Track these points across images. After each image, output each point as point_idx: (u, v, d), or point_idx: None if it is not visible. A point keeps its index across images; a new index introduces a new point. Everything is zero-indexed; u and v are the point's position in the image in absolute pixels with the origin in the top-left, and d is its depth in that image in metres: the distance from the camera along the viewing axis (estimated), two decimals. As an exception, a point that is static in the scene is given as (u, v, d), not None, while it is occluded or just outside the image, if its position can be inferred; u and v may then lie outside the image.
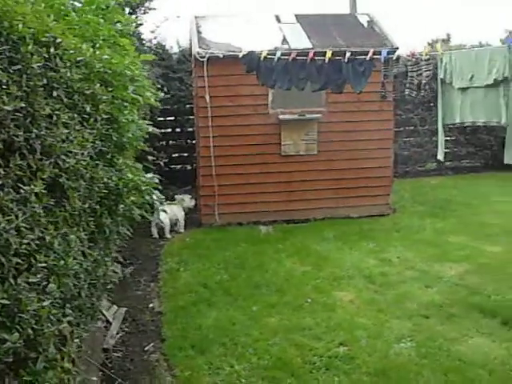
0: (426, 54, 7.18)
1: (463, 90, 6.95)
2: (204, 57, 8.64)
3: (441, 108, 7.35)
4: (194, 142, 11.26)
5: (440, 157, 7.61)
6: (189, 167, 12.28)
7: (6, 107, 2.12)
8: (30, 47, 2.33)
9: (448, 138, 11.17)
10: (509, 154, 6.69)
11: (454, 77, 6.96)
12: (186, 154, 12.42)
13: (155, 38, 11.52)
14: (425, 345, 4.98)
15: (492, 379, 4.43)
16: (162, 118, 11.35)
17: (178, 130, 12.23)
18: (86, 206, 3.07)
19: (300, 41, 9.09)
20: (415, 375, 4.49)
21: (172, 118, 12.01)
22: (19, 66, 2.29)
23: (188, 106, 11.65)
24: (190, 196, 9.71)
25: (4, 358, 2.12)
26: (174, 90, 11.46)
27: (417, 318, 5.55)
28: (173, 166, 12.21)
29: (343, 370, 4.61)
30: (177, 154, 12.37)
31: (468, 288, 6.27)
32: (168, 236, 8.91)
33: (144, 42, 10.66)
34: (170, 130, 12.11)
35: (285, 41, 9.16)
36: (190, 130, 11.76)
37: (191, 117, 11.50)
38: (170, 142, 12.29)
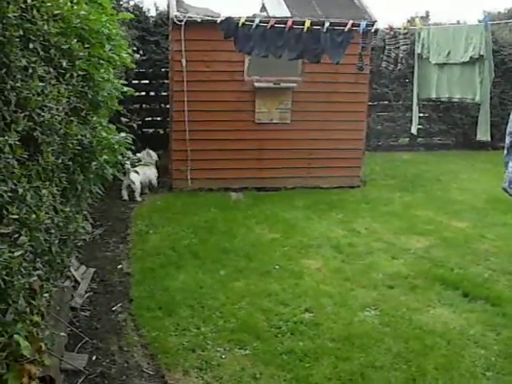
0: (405, 28, 7.21)
1: (440, 65, 7.02)
2: (182, 20, 8.53)
3: (416, 82, 7.42)
4: (167, 106, 11.17)
5: (414, 130, 7.71)
6: (161, 131, 12.19)
7: (-19, 56, 2.09)
8: (6, -5, 2.29)
9: (421, 115, 11.26)
10: (481, 130, 6.81)
11: (431, 52, 7.03)
12: (159, 118, 12.32)
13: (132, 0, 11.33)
14: (388, 314, 5.11)
15: (450, 347, 4.58)
16: (136, 81, 11.22)
17: (152, 93, 12.09)
18: (59, 161, 3.06)
19: (279, 9, 9.03)
20: (377, 342, 4.61)
21: (147, 82, 11.87)
22: (-5, 15, 2.25)
23: (163, 69, 11.50)
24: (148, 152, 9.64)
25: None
26: (150, 53, 11.31)
27: (382, 288, 5.68)
28: (145, 130, 12.11)
29: (308, 335, 4.70)
30: (150, 118, 12.24)
31: (432, 261, 6.42)
32: (138, 199, 8.89)
33: (121, 2, 10.46)
34: (143, 93, 11.98)
35: (263, 8, 9.12)
36: (165, 94, 11.63)
37: (166, 81, 11.38)
38: (144, 105, 12.16)
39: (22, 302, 2.50)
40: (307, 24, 7.45)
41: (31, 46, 2.62)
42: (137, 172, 8.13)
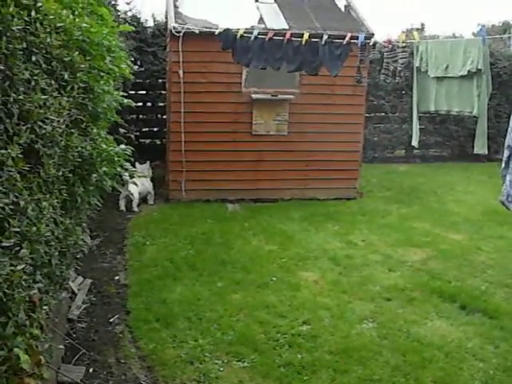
0: (403, 42, 7.25)
1: (438, 79, 7.06)
2: (180, 32, 8.56)
3: (416, 95, 7.45)
4: (164, 117, 11.20)
5: (415, 143, 7.73)
6: (158, 142, 12.20)
7: (-15, 69, 2.09)
8: (11, 9, 2.29)
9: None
10: (478, 144, 6.84)
11: (430, 66, 7.08)
12: (156, 129, 12.34)
13: (130, 11, 11.36)
14: (385, 326, 5.11)
15: (448, 360, 4.58)
16: (133, 92, 11.23)
17: (149, 104, 12.11)
18: (60, 173, 3.06)
19: (277, 21, 9.06)
20: (375, 355, 4.61)
21: (144, 92, 11.89)
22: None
23: (160, 80, 11.55)
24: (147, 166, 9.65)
25: (-25, 320, 2.12)
26: (147, 63, 11.34)
27: (379, 301, 5.68)
28: (142, 141, 12.12)
29: (306, 347, 4.70)
30: (147, 129, 12.27)
31: (430, 273, 6.43)
32: (135, 209, 8.90)
33: (119, 13, 10.49)
34: (140, 103, 11.99)
35: (261, 20, 9.13)
36: (162, 104, 11.67)
37: (163, 92, 11.43)
38: (141, 116, 12.18)
39: (22, 315, 2.49)
40: (305, 36, 7.48)
41: (34, 58, 2.63)
42: (135, 183, 8.12)
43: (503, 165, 5.33)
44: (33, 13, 2.57)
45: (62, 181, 3.15)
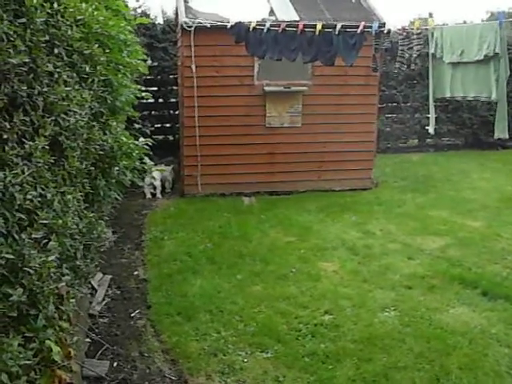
0: (418, 29, 7.19)
1: (453, 64, 7.01)
2: (191, 26, 8.55)
3: (431, 82, 7.40)
4: (176, 112, 11.18)
5: (431, 130, 7.69)
6: (171, 138, 12.20)
7: (11, 60, 2.09)
8: (34, 1, 2.29)
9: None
10: (499, 128, 6.80)
11: (445, 51, 7.03)
12: (168, 125, 12.34)
13: (140, 7, 11.35)
14: (408, 314, 5.09)
15: (472, 346, 4.56)
16: (144, 88, 11.22)
17: (160, 100, 12.10)
18: (83, 166, 3.06)
19: (287, 13, 9.03)
20: (399, 342, 4.60)
21: (155, 88, 11.87)
22: (24, 20, 2.25)
23: (172, 76, 11.54)
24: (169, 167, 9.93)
25: (8, 312, 2.13)
26: (158, 59, 11.34)
27: (400, 289, 5.65)
28: (155, 137, 12.10)
29: (329, 337, 4.69)
30: (159, 125, 12.26)
31: (449, 261, 6.39)
32: (159, 196, 9.36)
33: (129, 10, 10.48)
34: (152, 100, 11.97)
35: (272, 12, 9.10)
36: (173, 100, 11.66)
37: (175, 87, 11.41)
38: (153, 112, 12.17)
39: (51, 308, 2.50)
40: (319, 27, 7.45)
41: (56, 51, 2.63)
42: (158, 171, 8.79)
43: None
44: (55, 5, 2.57)
45: (84, 174, 3.16)
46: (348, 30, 7.53)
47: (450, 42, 6.94)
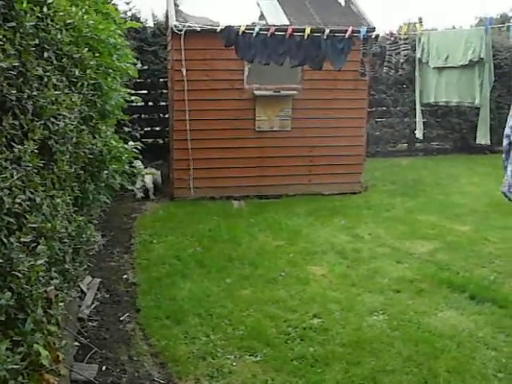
0: (405, 34, 7.24)
1: (439, 69, 7.06)
2: (181, 30, 8.56)
3: (418, 87, 7.45)
4: (166, 116, 11.18)
5: (419, 135, 7.73)
6: (160, 141, 12.19)
7: (1, 64, 2.09)
8: (24, 5, 2.29)
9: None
10: (481, 133, 6.84)
11: (431, 56, 7.08)
12: (158, 128, 12.33)
13: (130, 10, 11.35)
14: (396, 318, 5.12)
15: (460, 349, 4.59)
16: (134, 92, 11.20)
17: (150, 103, 12.09)
18: (72, 170, 3.06)
19: (277, 17, 9.05)
20: (387, 346, 4.62)
21: (145, 92, 11.87)
22: (14, 24, 2.25)
23: (161, 79, 11.55)
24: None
25: (-3, 316, 2.13)
26: (148, 63, 11.34)
27: (388, 293, 5.68)
28: (144, 140, 12.08)
29: (317, 340, 4.70)
30: (149, 128, 12.25)
31: (437, 264, 6.43)
32: (152, 197, 9.44)
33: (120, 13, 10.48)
34: (142, 103, 11.97)
35: (262, 16, 9.11)
36: (163, 104, 11.67)
37: (164, 91, 11.42)
38: (143, 115, 12.16)
39: (39, 312, 2.50)
40: (307, 31, 7.48)
41: (46, 54, 2.63)
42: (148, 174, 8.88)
43: (504, 155, 5.35)
44: (45, 9, 2.58)
45: (73, 177, 3.16)
46: (336, 34, 7.57)
47: (436, 47, 6.99)
